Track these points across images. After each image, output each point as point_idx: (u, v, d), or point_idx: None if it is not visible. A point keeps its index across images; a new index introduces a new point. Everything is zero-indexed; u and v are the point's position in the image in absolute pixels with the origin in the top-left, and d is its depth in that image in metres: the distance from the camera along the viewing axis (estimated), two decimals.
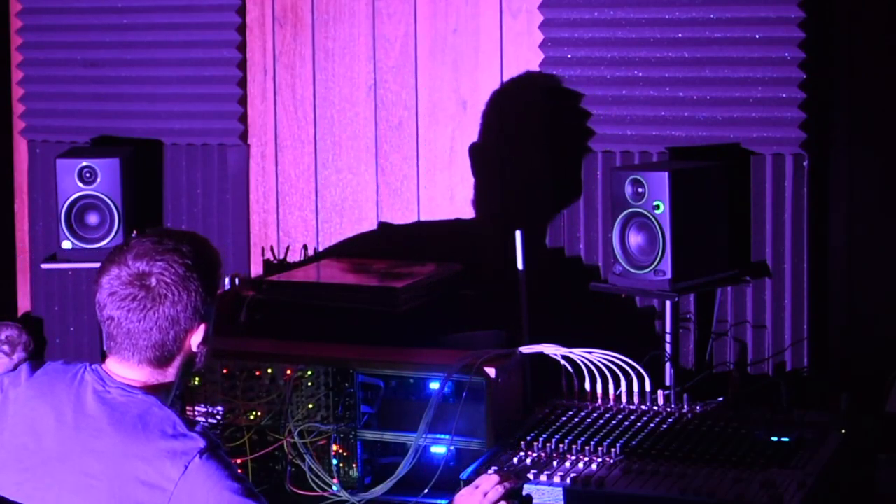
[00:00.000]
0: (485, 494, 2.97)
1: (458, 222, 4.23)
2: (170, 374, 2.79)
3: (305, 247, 4.38)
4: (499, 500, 2.98)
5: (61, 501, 2.66)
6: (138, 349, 2.74)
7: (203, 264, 2.78)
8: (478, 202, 4.20)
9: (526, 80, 4.11)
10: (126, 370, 2.76)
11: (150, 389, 2.75)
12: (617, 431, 3.36)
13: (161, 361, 2.76)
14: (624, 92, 3.95)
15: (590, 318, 3.94)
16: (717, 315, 3.87)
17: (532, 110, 4.08)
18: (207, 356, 2.84)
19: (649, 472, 3.13)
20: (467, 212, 4.22)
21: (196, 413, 3.58)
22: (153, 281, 2.73)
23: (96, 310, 2.78)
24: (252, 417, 3.54)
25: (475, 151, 4.20)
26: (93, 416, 2.69)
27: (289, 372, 3.50)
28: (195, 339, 2.77)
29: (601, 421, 3.43)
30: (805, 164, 3.80)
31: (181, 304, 2.74)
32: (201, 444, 2.64)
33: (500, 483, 3.00)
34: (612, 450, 3.23)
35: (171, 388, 2.80)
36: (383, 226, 4.30)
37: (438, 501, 3.22)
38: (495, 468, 3.16)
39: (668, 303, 3.73)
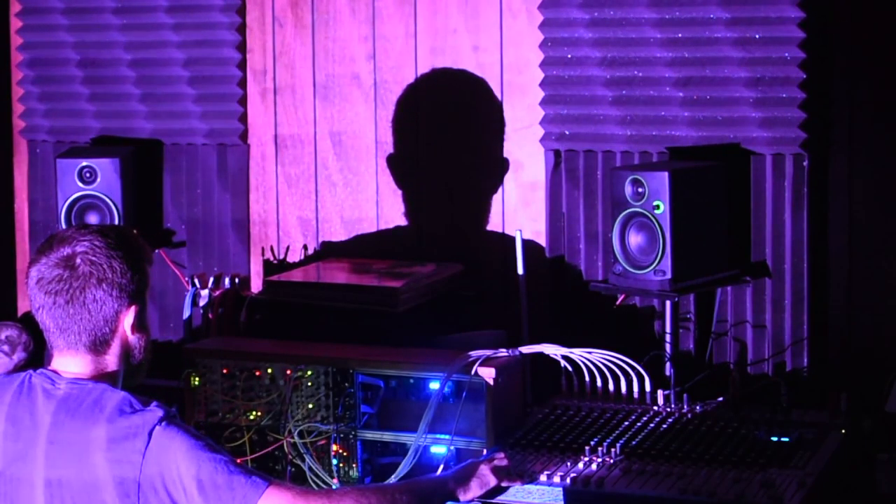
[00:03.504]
0: (492, 461, 3.09)
1: (458, 222, 4.23)
2: (111, 362, 2.79)
3: (305, 247, 4.38)
4: (504, 468, 3.08)
5: (33, 500, 2.68)
6: (72, 335, 2.75)
7: (126, 245, 2.79)
8: (478, 202, 4.20)
9: (525, 79, 4.11)
10: (70, 363, 2.78)
11: (98, 378, 2.77)
12: (617, 431, 3.36)
13: (97, 347, 2.77)
14: (624, 92, 3.95)
15: (590, 318, 3.94)
16: (717, 315, 3.87)
17: (532, 109, 4.08)
18: (147, 348, 2.83)
19: (649, 472, 3.14)
20: (467, 212, 4.22)
21: (196, 413, 3.59)
22: (77, 261, 2.74)
23: (31, 307, 2.81)
24: (252, 417, 3.54)
25: (475, 150, 4.20)
26: (49, 413, 2.71)
27: (289, 372, 3.50)
28: (127, 320, 2.77)
29: (601, 421, 3.43)
30: (805, 164, 3.80)
31: (107, 283, 2.74)
32: (159, 413, 2.68)
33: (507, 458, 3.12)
34: (612, 450, 3.23)
35: (116, 377, 2.80)
36: (383, 226, 4.30)
37: None
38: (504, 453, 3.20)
39: (668, 303, 3.73)
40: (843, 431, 3.35)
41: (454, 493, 2.99)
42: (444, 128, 4.24)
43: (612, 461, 3.20)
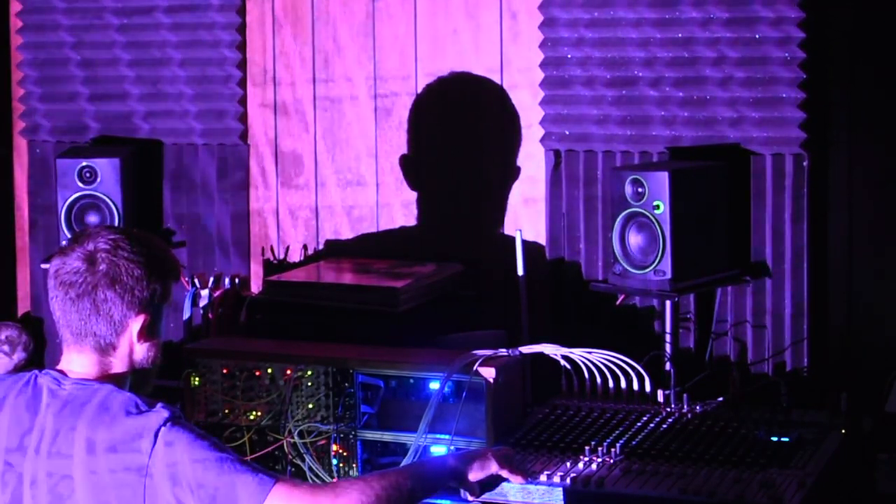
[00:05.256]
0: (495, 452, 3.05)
1: (458, 222, 4.23)
2: (117, 364, 2.78)
3: (305, 247, 4.38)
4: (508, 456, 3.04)
5: (38, 501, 2.68)
6: (79, 331, 2.75)
7: (150, 253, 2.78)
8: (478, 202, 4.20)
9: (525, 79, 4.11)
10: (76, 361, 2.77)
11: (104, 379, 2.76)
12: (617, 431, 3.36)
13: (103, 347, 2.76)
14: (624, 92, 3.95)
15: (590, 318, 3.94)
16: (717, 315, 3.87)
17: (532, 110, 4.09)
18: (155, 359, 2.82)
19: (649, 472, 3.13)
20: (467, 212, 4.22)
21: (196, 413, 3.59)
22: (97, 258, 2.74)
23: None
24: (252, 417, 3.54)
25: (475, 150, 4.20)
26: (53, 414, 2.71)
27: (289, 372, 3.50)
28: (134, 327, 2.76)
29: (601, 421, 3.43)
30: (805, 164, 3.80)
31: (120, 285, 2.73)
32: (165, 414, 2.68)
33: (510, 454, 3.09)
34: (612, 450, 3.23)
35: (122, 380, 2.79)
36: (383, 226, 4.30)
37: (438, 501, 3.21)
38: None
39: (668, 303, 3.73)
40: (843, 431, 3.35)
41: (456, 471, 2.94)
42: (444, 128, 4.24)
43: (612, 461, 3.20)
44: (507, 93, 4.14)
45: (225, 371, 3.57)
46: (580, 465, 3.18)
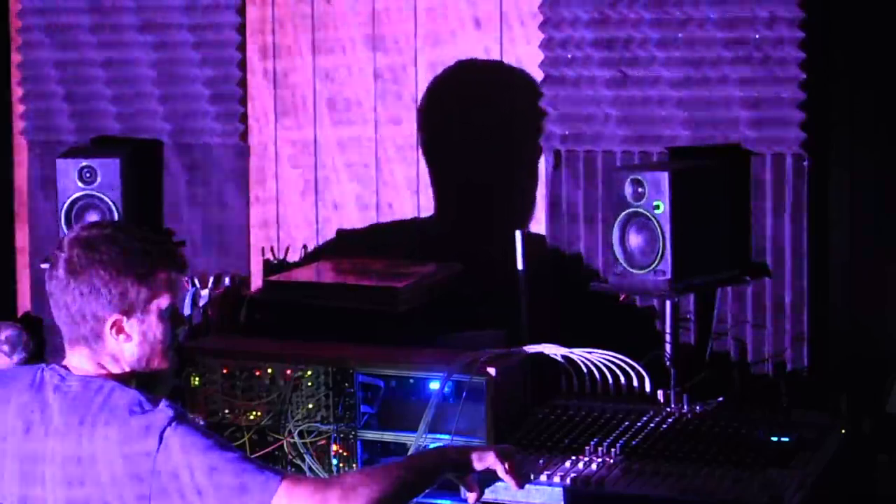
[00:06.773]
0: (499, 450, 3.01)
1: (458, 222, 4.23)
2: (111, 364, 2.76)
3: (305, 247, 4.38)
4: (508, 452, 2.99)
5: (45, 500, 2.68)
6: (63, 325, 2.75)
7: (129, 253, 2.75)
8: (478, 202, 4.20)
9: (526, 79, 4.11)
10: (76, 358, 2.77)
11: (106, 377, 2.75)
12: (617, 431, 3.36)
13: (91, 346, 2.75)
14: (624, 92, 3.95)
15: (590, 318, 3.94)
16: (717, 315, 3.87)
17: (533, 110, 4.09)
18: (149, 361, 2.78)
19: (649, 472, 3.14)
20: (468, 212, 4.22)
21: (196, 413, 3.59)
22: (74, 253, 2.73)
23: None
24: (252, 417, 3.54)
25: (475, 151, 4.20)
26: (59, 411, 2.70)
27: (289, 372, 3.51)
28: (108, 325, 2.73)
29: (601, 421, 3.43)
30: (805, 164, 3.80)
31: (85, 283, 2.72)
32: (170, 413, 2.66)
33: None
34: (612, 450, 3.23)
35: (125, 379, 2.76)
36: (383, 226, 4.30)
37: (438, 501, 3.22)
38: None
39: (668, 303, 3.73)
40: (844, 432, 3.35)
41: (456, 462, 2.92)
42: (445, 128, 4.23)
43: (612, 461, 3.20)
44: (508, 92, 4.14)
45: (225, 371, 3.58)
46: (580, 465, 3.19)
